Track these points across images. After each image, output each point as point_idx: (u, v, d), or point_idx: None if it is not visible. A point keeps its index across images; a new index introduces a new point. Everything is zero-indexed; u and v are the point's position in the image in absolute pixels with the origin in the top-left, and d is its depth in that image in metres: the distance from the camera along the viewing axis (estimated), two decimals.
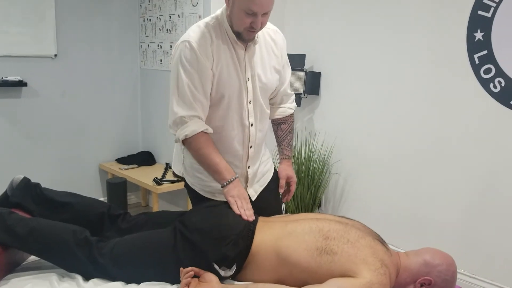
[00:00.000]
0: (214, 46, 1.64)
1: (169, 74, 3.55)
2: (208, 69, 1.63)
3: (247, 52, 1.70)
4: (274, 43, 1.80)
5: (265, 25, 1.64)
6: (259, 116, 1.80)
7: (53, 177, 3.65)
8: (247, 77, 1.72)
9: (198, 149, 1.66)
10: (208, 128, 1.67)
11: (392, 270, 1.48)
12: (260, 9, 1.53)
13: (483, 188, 2.71)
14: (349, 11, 3.26)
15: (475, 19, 2.61)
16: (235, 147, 1.79)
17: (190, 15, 3.43)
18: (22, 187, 1.81)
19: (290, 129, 2.00)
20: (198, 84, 1.63)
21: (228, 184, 1.64)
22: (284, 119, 1.99)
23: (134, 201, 4.21)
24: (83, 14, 3.68)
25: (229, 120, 1.74)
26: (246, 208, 1.61)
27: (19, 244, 1.58)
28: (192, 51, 1.61)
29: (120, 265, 1.53)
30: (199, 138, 1.64)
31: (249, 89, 1.73)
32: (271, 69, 1.79)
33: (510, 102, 2.52)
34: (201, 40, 1.62)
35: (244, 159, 1.83)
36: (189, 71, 1.62)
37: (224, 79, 1.67)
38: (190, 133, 1.63)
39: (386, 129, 3.14)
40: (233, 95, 1.71)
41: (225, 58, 1.66)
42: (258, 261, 1.52)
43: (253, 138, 1.81)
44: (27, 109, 3.51)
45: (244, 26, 1.58)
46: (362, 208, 3.37)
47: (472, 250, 2.79)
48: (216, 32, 1.66)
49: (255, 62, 1.73)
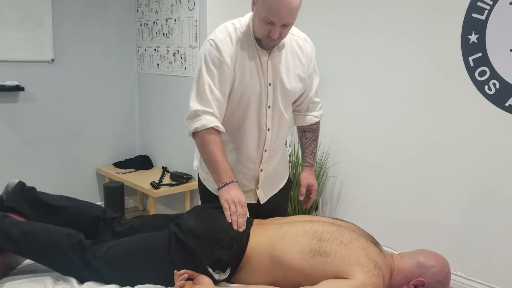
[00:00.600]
0: (238, 47, 1.66)
1: (166, 78, 3.55)
2: (229, 68, 1.64)
3: (271, 58, 1.70)
4: (301, 51, 1.78)
5: (285, 36, 1.63)
6: (277, 121, 1.79)
7: (50, 182, 3.65)
8: (269, 82, 1.71)
9: (205, 144, 1.65)
10: (219, 126, 1.65)
11: (385, 271, 1.49)
12: (278, 20, 1.52)
13: (479, 190, 2.71)
14: (345, 16, 3.28)
15: (469, 22, 2.62)
16: (249, 149, 1.79)
17: (187, 19, 3.45)
18: (17, 191, 1.82)
19: (314, 137, 1.99)
20: (217, 82, 1.64)
21: (224, 186, 1.62)
22: (309, 127, 1.98)
23: (131, 205, 4.21)
24: (80, 19, 3.69)
25: (247, 122, 1.75)
26: (239, 215, 1.58)
27: (13, 248, 1.58)
28: (216, 50, 1.63)
29: (115, 268, 1.53)
30: (208, 134, 1.64)
31: (269, 94, 1.73)
32: (295, 77, 1.77)
33: (505, 104, 2.53)
34: (226, 40, 1.65)
35: (257, 162, 1.83)
36: (210, 69, 1.64)
37: (245, 81, 1.68)
38: (200, 127, 1.63)
39: (382, 132, 3.15)
40: (253, 98, 1.71)
41: (248, 61, 1.67)
42: (253, 263, 1.52)
43: (269, 142, 1.80)
44: (24, 113, 3.52)
45: (263, 33, 1.59)
46: (359, 211, 3.37)
47: (469, 252, 2.79)
48: (242, 34, 1.67)
49: (279, 68, 1.72)
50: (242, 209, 1.59)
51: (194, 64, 3.44)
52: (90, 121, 3.88)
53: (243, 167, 1.82)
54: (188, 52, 3.48)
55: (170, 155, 3.87)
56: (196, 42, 3.39)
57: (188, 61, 3.50)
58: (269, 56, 1.69)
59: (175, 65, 3.63)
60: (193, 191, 3.62)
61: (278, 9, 1.50)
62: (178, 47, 3.57)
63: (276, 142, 1.84)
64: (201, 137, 1.65)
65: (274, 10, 1.50)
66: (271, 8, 1.50)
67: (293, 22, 1.58)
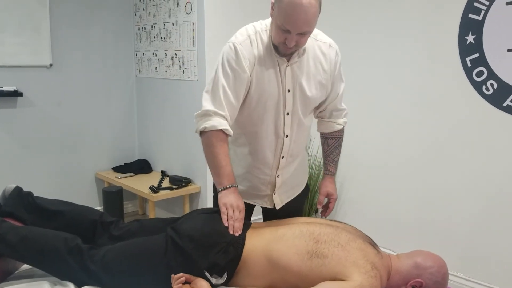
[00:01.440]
0: (257, 51, 1.64)
1: (164, 82, 3.55)
2: (246, 73, 1.62)
3: (290, 64, 1.66)
4: (324, 57, 1.72)
5: (303, 44, 1.59)
6: (296, 128, 1.76)
7: (49, 187, 3.65)
8: (287, 88, 1.68)
9: (211, 145, 1.62)
10: (229, 130, 1.62)
11: (383, 272, 1.49)
12: (294, 29, 1.49)
13: (479, 190, 2.71)
14: (344, 16, 3.29)
15: (466, 23, 2.62)
16: (266, 155, 1.77)
17: (184, 22, 3.45)
18: (15, 196, 1.82)
19: (336, 145, 1.95)
20: (232, 85, 1.63)
21: (223, 190, 1.61)
22: (332, 134, 1.93)
23: (131, 210, 4.21)
24: (78, 23, 3.70)
25: (263, 128, 1.73)
26: (236, 219, 1.57)
27: (11, 252, 1.58)
28: (234, 53, 1.62)
29: (112, 272, 1.53)
30: (215, 135, 1.61)
31: (287, 101, 1.69)
32: (316, 84, 1.72)
33: (503, 104, 2.53)
34: (246, 43, 1.63)
35: (274, 168, 1.80)
36: (227, 71, 1.63)
37: (263, 86, 1.66)
38: (210, 127, 1.61)
39: (381, 133, 3.15)
40: (270, 104, 1.69)
41: (267, 66, 1.65)
42: (250, 267, 1.52)
43: (286, 148, 1.77)
44: (23, 119, 3.52)
45: (279, 41, 1.56)
46: (359, 212, 3.37)
47: (470, 253, 2.79)
48: (263, 39, 1.65)
49: (300, 75, 1.68)
50: (239, 214, 1.59)
51: (192, 67, 3.45)
52: (89, 126, 3.88)
53: (259, 172, 1.80)
54: (186, 55, 3.49)
55: (169, 159, 3.87)
56: (194, 46, 3.40)
57: (186, 64, 3.50)
58: (288, 62, 1.66)
59: (173, 68, 3.64)
60: (192, 195, 3.61)
61: (294, 18, 1.46)
62: (176, 50, 3.58)
63: (295, 149, 1.80)
64: (208, 138, 1.63)
65: (290, 18, 1.47)
66: (287, 16, 1.47)
67: (311, 30, 1.54)
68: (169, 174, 3.81)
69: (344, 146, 3.25)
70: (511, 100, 2.49)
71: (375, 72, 3.13)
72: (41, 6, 3.47)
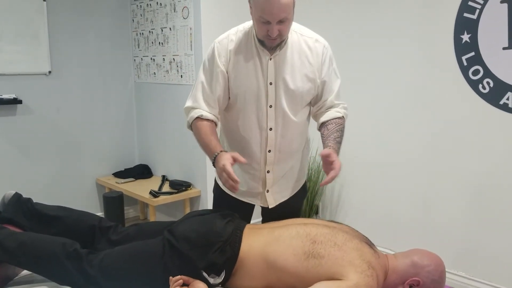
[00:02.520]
0: (235, 47, 1.72)
1: (163, 87, 3.59)
2: (218, 67, 1.72)
3: (273, 58, 1.70)
4: (310, 51, 1.75)
5: (286, 33, 1.64)
6: (281, 122, 1.77)
7: (50, 193, 3.66)
8: (269, 81, 1.72)
9: (196, 133, 1.76)
10: (203, 114, 1.73)
11: (379, 272, 1.49)
12: (272, 17, 1.54)
13: (477, 189, 2.71)
14: (341, 18, 3.30)
15: (461, 22, 2.63)
16: (252, 149, 1.80)
17: (181, 27, 3.47)
18: (14, 203, 1.83)
19: (337, 128, 1.76)
20: (209, 82, 1.75)
21: (214, 161, 1.66)
22: (331, 121, 1.78)
23: (132, 215, 4.22)
24: (76, 30, 3.72)
25: (246, 122, 1.77)
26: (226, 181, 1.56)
27: (9, 258, 1.59)
28: (211, 51, 1.75)
29: (110, 276, 1.53)
30: (196, 123, 1.75)
31: (269, 94, 1.73)
32: (302, 77, 1.74)
33: (500, 102, 2.53)
34: (223, 41, 1.74)
35: (262, 163, 1.81)
36: (206, 69, 1.77)
37: (240, 81, 1.72)
38: (189, 119, 1.78)
39: (379, 134, 3.15)
40: (250, 98, 1.74)
41: (245, 61, 1.71)
42: (247, 267, 1.52)
43: (272, 142, 1.78)
44: (23, 126, 3.54)
45: (262, 34, 1.61)
46: (359, 214, 3.37)
47: (469, 252, 2.78)
48: (243, 35, 1.73)
49: (283, 68, 1.72)
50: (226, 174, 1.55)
51: (190, 72, 3.46)
52: (88, 132, 3.89)
53: (249, 167, 1.82)
54: (184, 60, 3.50)
55: (169, 163, 3.88)
56: (192, 50, 3.41)
57: (184, 69, 3.52)
58: (271, 55, 1.70)
59: (172, 73, 3.65)
60: (192, 199, 3.62)
61: (270, 7, 1.52)
62: (174, 55, 3.59)
63: (283, 144, 1.80)
64: (193, 127, 1.77)
65: (265, 9, 1.53)
66: (263, 7, 1.53)
67: (289, 17, 1.58)
68: (169, 179, 3.82)
69: (343, 146, 3.24)
70: (507, 98, 2.49)
71: (371, 72, 3.13)
72: (39, 13, 3.49)
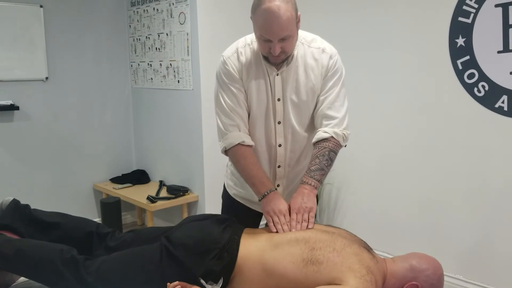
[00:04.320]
0: (245, 63, 1.68)
1: (160, 92, 3.60)
2: (238, 80, 1.69)
3: (280, 73, 1.67)
4: (316, 63, 1.68)
5: (290, 49, 1.60)
6: (290, 137, 1.75)
7: (47, 199, 3.65)
8: (277, 98, 1.69)
9: (237, 161, 1.71)
10: (245, 141, 1.69)
11: (378, 277, 1.49)
12: (272, 37, 1.51)
13: (472, 191, 2.71)
14: (334, 21, 3.31)
15: (456, 25, 2.64)
16: (262, 164, 1.78)
17: (178, 33, 3.48)
18: (12, 209, 1.83)
19: (318, 154, 1.66)
20: (232, 96, 1.69)
21: (263, 198, 1.64)
22: (316, 145, 1.69)
23: (129, 220, 4.21)
24: (72, 36, 3.73)
25: (256, 137, 1.75)
26: (282, 223, 1.59)
27: (6, 265, 1.59)
28: (224, 66, 1.69)
29: (107, 283, 1.53)
30: (237, 151, 1.69)
31: (278, 110, 1.70)
32: (308, 91, 1.69)
33: (495, 105, 2.55)
34: (233, 57, 1.69)
35: (271, 178, 1.80)
36: (224, 83, 1.70)
37: (251, 95, 1.69)
38: (228, 145, 1.69)
39: (375, 137, 3.16)
40: (259, 114, 1.71)
41: (255, 77, 1.68)
42: (245, 273, 1.52)
43: (281, 158, 1.77)
44: (20, 132, 3.53)
45: (265, 51, 1.58)
46: (356, 217, 3.37)
47: (468, 254, 2.79)
48: (251, 50, 1.69)
49: (290, 83, 1.68)
50: (284, 218, 1.60)
51: (187, 77, 3.47)
52: (86, 138, 3.89)
53: None
54: (181, 65, 3.51)
55: (167, 168, 3.88)
56: (188, 55, 3.42)
57: (181, 74, 3.53)
58: (278, 71, 1.67)
59: (169, 78, 3.66)
60: (190, 204, 3.62)
61: (269, 26, 1.49)
62: (171, 60, 3.60)
63: (293, 158, 1.79)
64: (232, 155, 1.72)
65: (265, 28, 1.50)
66: (262, 27, 1.51)
67: (292, 34, 1.54)
68: (167, 184, 3.82)
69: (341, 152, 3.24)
70: (502, 101, 2.51)
71: (367, 76, 3.14)
72: (35, 19, 3.49)
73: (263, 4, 1.49)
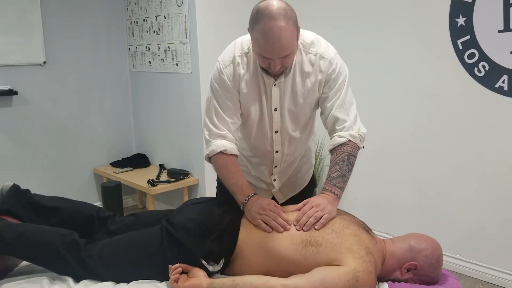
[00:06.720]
0: (241, 73, 1.63)
1: (159, 76, 3.56)
2: (232, 90, 1.64)
3: (278, 84, 1.62)
4: (313, 68, 1.63)
5: (290, 63, 1.55)
6: (287, 144, 1.76)
7: (48, 184, 3.66)
8: (274, 108, 1.66)
9: (218, 169, 1.69)
10: (228, 150, 1.64)
11: (377, 257, 1.50)
12: (273, 56, 1.46)
13: (474, 173, 2.72)
14: (333, 5, 3.28)
15: (456, 5, 2.62)
16: (259, 168, 1.85)
17: (176, 15, 3.44)
18: (12, 194, 1.83)
19: (337, 160, 1.62)
20: (223, 105, 1.65)
21: (244, 206, 1.60)
22: (334, 150, 1.65)
23: (130, 204, 4.23)
24: (70, 20, 3.69)
25: (252, 145, 1.78)
26: (273, 218, 1.51)
27: (8, 250, 1.59)
28: (220, 74, 1.64)
29: (109, 266, 1.54)
30: (218, 159, 1.65)
31: (275, 120, 1.68)
32: (304, 98, 1.66)
33: (495, 85, 2.54)
34: (230, 67, 1.63)
35: (268, 175, 1.87)
36: (217, 91, 1.66)
37: (247, 107, 1.67)
38: (210, 152, 1.66)
39: (375, 120, 3.15)
40: (255, 124, 1.70)
41: (252, 87, 1.64)
42: (245, 255, 1.53)
43: (278, 161, 1.80)
44: (19, 117, 3.53)
45: (264, 66, 1.54)
46: (356, 199, 3.38)
47: (466, 235, 2.81)
48: (248, 59, 1.63)
49: (287, 93, 1.64)
50: (271, 212, 1.53)
51: (185, 60, 3.45)
52: (85, 122, 3.88)
53: (255, 179, 1.90)
54: (179, 48, 3.48)
55: (167, 152, 3.88)
56: (187, 38, 3.39)
57: (179, 57, 3.50)
58: (276, 81, 1.62)
59: (167, 62, 3.64)
60: (190, 187, 3.63)
61: (269, 47, 1.43)
62: (169, 43, 3.57)
63: (288, 160, 1.83)
64: (214, 162, 1.68)
65: (265, 49, 1.44)
66: (262, 46, 1.45)
67: (292, 50, 1.48)
68: (167, 167, 3.82)
69: None
70: (503, 81, 2.50)
71: (366, 57, 3.12)
72: (32, 4, 3.46)
73: (262, 22, 1.41)
